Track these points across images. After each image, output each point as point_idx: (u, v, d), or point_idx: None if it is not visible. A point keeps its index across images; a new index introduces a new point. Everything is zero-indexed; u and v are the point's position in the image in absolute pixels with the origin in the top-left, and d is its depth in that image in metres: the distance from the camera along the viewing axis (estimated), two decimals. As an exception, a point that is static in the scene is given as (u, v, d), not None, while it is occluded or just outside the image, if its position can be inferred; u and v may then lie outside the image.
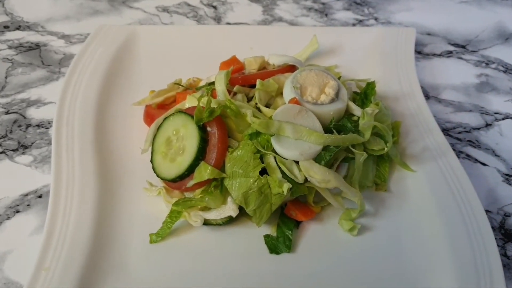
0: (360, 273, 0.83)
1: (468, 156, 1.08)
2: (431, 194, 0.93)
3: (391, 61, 1.21)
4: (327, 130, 0.91)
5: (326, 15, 1.48)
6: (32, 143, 1.05)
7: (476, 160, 1.07)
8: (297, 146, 0.86)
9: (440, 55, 1.37)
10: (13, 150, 1.04)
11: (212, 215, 0.88)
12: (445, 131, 1.11)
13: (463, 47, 1.40)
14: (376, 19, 1.48)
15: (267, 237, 0.88)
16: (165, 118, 0.93)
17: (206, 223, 0.88)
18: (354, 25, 1.46)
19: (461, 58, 1.36)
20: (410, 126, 1.06)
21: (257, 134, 0.87)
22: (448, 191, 0.93)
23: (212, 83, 1.03)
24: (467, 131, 1.14)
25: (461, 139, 1.12)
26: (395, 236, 0.89)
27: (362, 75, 1.15)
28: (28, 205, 0.94)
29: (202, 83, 1.10)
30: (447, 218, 0.89)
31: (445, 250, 0.84)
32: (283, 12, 1.49)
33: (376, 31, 1.31)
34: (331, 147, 0.87)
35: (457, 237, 0.85)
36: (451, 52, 1.38)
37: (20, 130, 1.08)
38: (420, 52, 1.35)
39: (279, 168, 0.85)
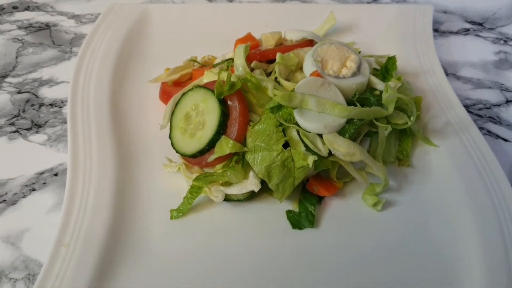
0: (384, 248, 0.81)
1: (489, 132, 1.06)
2: (455, 169, 0.92)
3: (409, 38, 1.19)
4: (350, 103, 0.89)
5: (340, -7, 1.46)
6: (46, 122, 1.03)
7: (497, 136, 1.05)
8: (320, 119, 0.84)
9: (457, 32, 1.34)
10: (26, 129, 1.02)
11: (233, 190, 0.86)
12: (466, 107, 1.09)
13: (480, 24, 1.37)
14: (391, -3, 1.46)
15: (289, 212, 0.86)
16: (184, 94, 0.91)
17: (227, 198, 0.87)
18: (369, 3, 1.43)
19: (478, 35, 1.33)
20: (431, 102, 1.04)
21: (279, 107, 0.86)
22: (473, 166, 0.91)
23: (229, 59, 1.01)
24: (487, 108, 1.12)
25: (481, 116, 1.10)
26: (419, 211, 0.87)
27: (380, 52, 1.13)
28: (44, 183, 0.92)
29: (217, 61, 1.08)
30: (473, 193, 0.87)
31: (471, 225, 0.83)
32: (296, -10, 1.47)
33: (393, 8, 1.29)
34: (355, 120, 0.86)
35: (483, 211, 0.84)
36: (468, 29, 1.35)
37: (33, 109, 1.06)
38: (436, 30, 1.33)
39: (302, 141, 0.83)
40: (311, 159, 0.80)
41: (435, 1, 1.44)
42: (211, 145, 0.84)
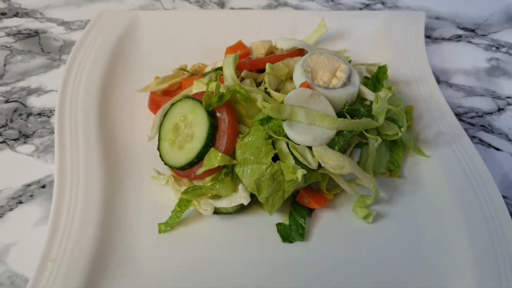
0: (375, 261, 0.81)
1: (481, 141, 1.06)
2: (446, 180, 0.91)
3: (401, 46, 1.18)
4: (339, 114, 0.88)
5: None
6: (34, 132, 1.02)
7: (489, 145, 1.05)
8: (310, 131, 0.83)
9: (449, 39, 1.34)
10: (14, 140, 1.00)
11: (223, 203, 0.85)
12: (457, 115, 1.08)
13: (473, 31, 1.37)
14: (383, 3, 1.45)
15: (279, 225, 0.85)
16: (172, 104, 0.90)
17: (216, 211, 0.86)
18: (360, 9, 1.43)
19: (470, 42, 1.33)
20: (423, 111, 1.03)
21: (268, 119, 0.85)
22: (464, 177, 0.91)
23: (219, 68, 1.00)
24: (479, 116, 1.11)
25: (473, 124, 1.09)
26: (410, 223, 0.87)
27: (371, 60, 1.12)
28: (31, 195, 0.91)
29: (207, 69, 1.06)
30: (464, 204, 0.87)
31: (462, 237, 0.82)
32: (288, -4, 1.46)
33: (385, 15, 1.28)
34: (344, 132, 0.85)
35: (474, 223, 0.83)
36: (460, 36, 1.35)
37: (21, 119, 1.05)
38: (429, 37, 1.33)
39: (292, 154, 0.82)
40: (300, 172, 0.79)
41: (428, 6, 1.44)
42: (199, 158, 0.83)
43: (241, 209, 0.86)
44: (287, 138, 0.83)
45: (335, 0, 1.44)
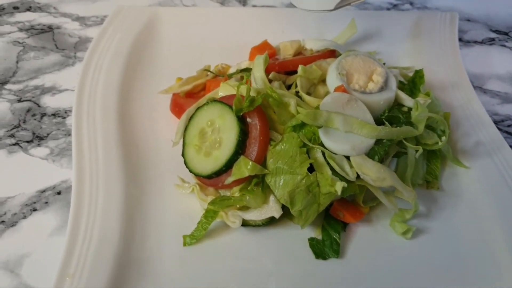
0: (415, 280, 0.75)
1: (520, 152, 1.00)
2: (488, 193, 0.86)
3: (434, 48, 1.13)
4: (377, 121, 0.82)
5: (359, -2, 1.39)
6: (48, 134, 0.97)
7: (528, 156, 0.98)
8: (347, 140, 0.77)
9: (481, 42, 1.28)
10: (27, 142, 0.95)
11: (252, 216, 0.80)
12: (494, 124, 1.02)
13: (506, 34, 1.31)
14: (411, 3, 1.40)
15: (312, 240, 0.80)
16: (198, 108, 0.84)
17: (244, 224, 0.81)
18: (388, 9, 1.37)
19: (504, 45, 1.27)
20: (460, 118, 0.98)
21: (302, 125, 0.80)
22: (507, 190, 0.85)
23: (246, 69, 0.95)
24: (516, 124, 1.06)
25: (510, 133, 1.04)
26: (451, 239, 0.81)
27: (403, 62, 1.08)
28: (46, 202, 0.85)
29: (231, 70, 1.01)
30: (508, 219, 0.81)
31: (507, 254, 0.77)
32: (313, -5, 1.40)
33: (416, 15, 1.23)
34: (384, 141, 0.79)
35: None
36: (493, 39, 1.29)
37: (35, 119, 1.00)
38: (460, 39, 1.27)
39: (328, 164, 0.77)
40: (339, 185, 0.73)
41: (458, 7, 1.38)
42: (228, 166, 0.78)
43: (271, 221, 0.81)
44: (323, 146, 0.78)
45: (362, -1, 1.38)
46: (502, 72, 1.19)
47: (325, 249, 0.79)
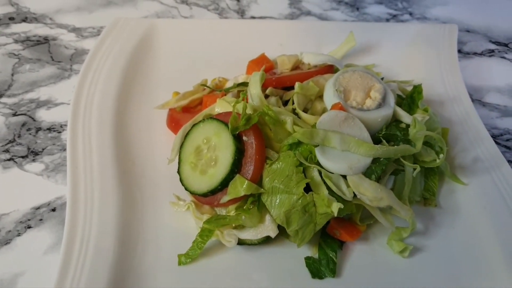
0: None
1: (519, 166, 0.99)
2: (486, 210, 0.86)
3: (433, 61, 1.13)
4: (375, 139, 0.82)
5: (358, 8, 1.39)
6: (43, 149, 0.96)
7: (527, 171, 0.98)
8: (344, 159, 0.77)
9: (481, 54, 1.28)
10: (22, 157, 0.94)
11: (248, 235, 0.79)
12: (492, 138, 1.01)
13: (506, 45, 1.31)
14: (410, 14, 1.40)
15: (308, 259, 0.79)
16: (194, 125, 0.84)
17: (240, 242, 0.80)
18: (387, 20, 1.37)
19: (504, 57, 1.27)
20: (458, 134, 0.97)
21: (298, 144, 0.79)
22: (505, 207, 0.85)
23: (242, 84, 0.94)
24: (515, 138, 1.05)
25: (510, 147, 1.04)
26: (449, 257, 0.81)
27: (402, 75, 1.08)
28: (41, 219, 0.85)
29: (228, 84, 1.01)
30: (505, 237, 0.81)
31: (504, 272, 0.77)
32: (311, 5, 1.39)
33: (415, 27, 1.22)
34: (381, 159, 0.79)
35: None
36: (493, 50, 1.29)
37: (30, 134, 0.99)
38: (459, 51, 1.26)
39: (325, 183, 0.76)
40: (336, 206, 0.73)
41: (457, 18, 1.38)
42: (224, 185, 0.77)
43: (266, 240, 0.80)
44: (320, 165, 0.77)
45: (361, 9, 1.37)
46: (501, 84, 1.19)
47: (321, 268, 0.78)
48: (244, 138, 0.79)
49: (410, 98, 0.94)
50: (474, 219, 0.85)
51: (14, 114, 1.03)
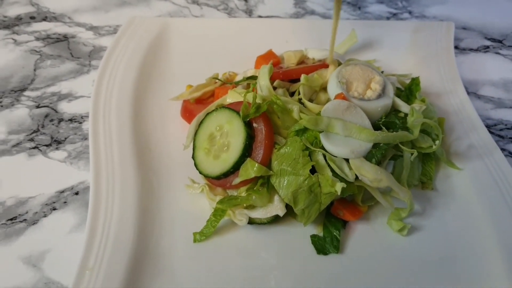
0: (410, 274, 0.81)
1: (511, 154, 1.05)
2: (479, 193, 0.91)
3: (431, 57, 1.18)
4: (375, 126, 0.88)
5: (359, 8, 1.45)
6: (66, 138, 1.03)
7: (519, 158, 1.04)
8: (347, 144, 0.83)
9: (477, 50, 1.34)
10: (46, 145, 1.01)
11: (258, 214, 0.85)
12: (487, 128, 1.07)
13: (500, 41, 1.37)
14: (410, 12, 1.46)
15: (314, 237, 0.85)
16: (207, 114, 0.90)
17: (251, 221, 0.86)
18: (388, 18, 1.43)
19: (498, 53, 1.33)
20: (454, 123, 1.03)
21: (304, 130, 0.85)
22: (496, 190, 0.90)
23: (251, 77, 1.00)
24: (508, 128, 1.11)
25: (503, 136, 1.09)
26: (444, 235, 0.86)
27: (401, 70, 1.13)
28: (65, 202, 0.91)
29: (238, 77, 1.07)
30: (496, 217, 0.86)
31: (495, 249, 0.82)
32: (315, 5, 1.46)
33: (414, 25, 1.28)
34: (381, 144, 0.85)
35: (507, 235, 0.83)
36: (488, 47, 1.35)
37: (53, 124, 1.05)
38: (456, 47, 1.32)
39: (329, 166, 0.82)
40: (339, 186, 0.79)
41: (455, 16, 1.44)
42: (235, 168, 0.84)
43: (275, 219, 0.86)
44: (324, 149, 0.83)
45: (362, 9, 1.44)
46: (496, 78, 1.24)
47: (326, 245, 0.84)
48: (254, 125, 0.85)
49: (408, 90, 1.00)
50: (468, 201, 0.91)
51: (38, 106, 1.09)
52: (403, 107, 0.93)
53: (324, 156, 0.83)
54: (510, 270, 0.78)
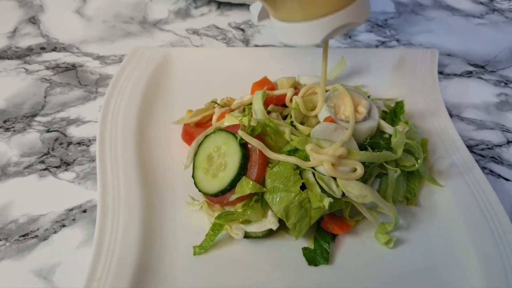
0: (396, 283, 0.86)
1: (492, 172, 1.11)
2: (459, 208, 0.96)
3: (416, 81, 1.25)
4: (361, 147, 0.95)
5: (350, 37, 1.53)
6: (74, 160, 1.09)
7: (499, 176, 1.10)
8: (334, 163, 0.90)
9: (460, 75, 1.41)
10: (56, 167, 1.07)
11: (253, 228, 0.91)
12: (469, 147, 1.13)
13: (482, 67, 1.44)
14: (397, 40, 1.53)
15: (305, 249, 0.91)
16: (206, 136, 0.97)
17: (247, 235, 0.91)
18: (377, 46, 1.51)
19: (480, 78, 1.40)
20: (437, 144, 1.09)
21: (295, 150, 0.91)
22: (476, 205, 0.96)
23: (248, 102, 1.08)
24: (489, 148, 1.18)
25: (484, 156, 1.16)
26: (427, 248, 0.92)
27: (388, 94, 1.19)
28: (74, 219, 0.97)
29: (235, 103, 1.14)
30: (476, 231, 0.92)
31: (474, 261, 0.88)
32: (308, 34, 1.54)
33: (400, 52, 1.35)
34: (366, 163, 0.91)
35: (485, 248, 0.89)
36: (471, 72, 1.42)
37: (62, 147, 1.12)
38: (441, 73, 1.40)
39: (318, 183, 0.89)
40: (327, 201, 0.86)
41: (440, 44, 1.51)
42: (232, 185, 0.90)
43: (269, 233, 0.92)
44: (313, 169, 0.90)
45: (353, 37, 1.52)
46: (478, 101, 1.32)
47: (316, 257, 0.89)
48: (249, 145, 0.91)
49: (393, 113, 1.07)
50: (449, 216, 0.96)
51: (48, 131, 1.16)
52: (387, 128, 1.00)
53: (313, 174, 0.89)
54: (488, 279, 0.84)
